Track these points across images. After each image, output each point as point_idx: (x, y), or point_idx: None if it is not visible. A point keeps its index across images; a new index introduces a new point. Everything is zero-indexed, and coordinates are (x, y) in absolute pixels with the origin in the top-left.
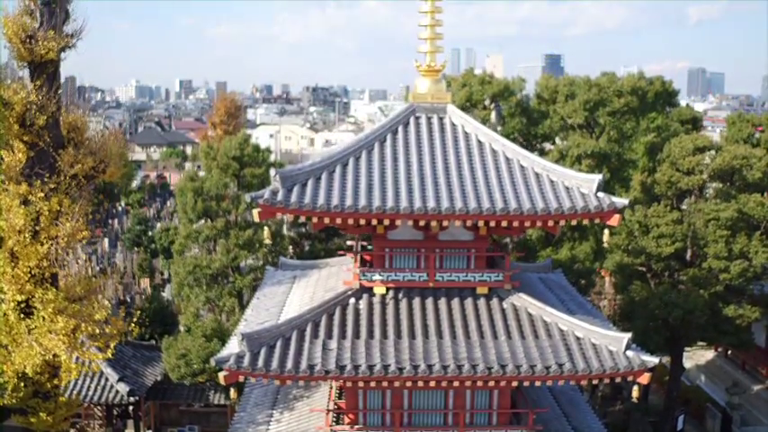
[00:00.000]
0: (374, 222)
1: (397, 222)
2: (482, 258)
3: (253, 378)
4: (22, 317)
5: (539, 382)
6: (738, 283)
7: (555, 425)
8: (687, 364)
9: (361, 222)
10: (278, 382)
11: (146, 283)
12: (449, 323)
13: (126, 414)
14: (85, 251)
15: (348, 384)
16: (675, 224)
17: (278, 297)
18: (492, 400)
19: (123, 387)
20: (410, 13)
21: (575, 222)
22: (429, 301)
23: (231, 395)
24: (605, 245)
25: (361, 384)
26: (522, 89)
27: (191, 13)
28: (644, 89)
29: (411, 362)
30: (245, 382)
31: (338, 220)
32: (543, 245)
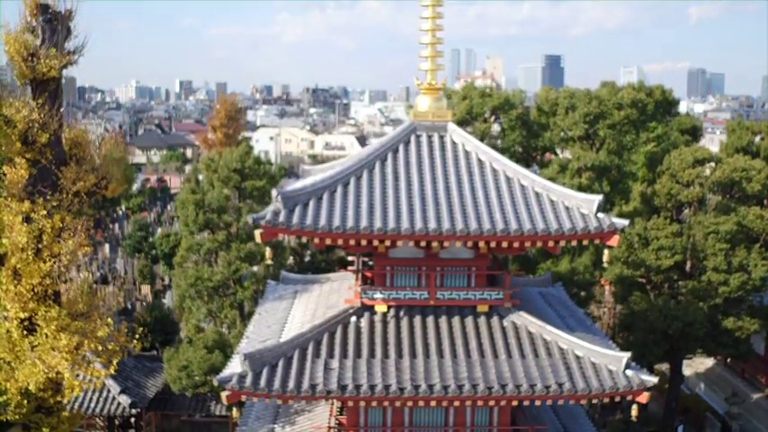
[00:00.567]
0: (375, 243)
1: (399, 243)
2: (483, 276)
3: (255, 398)
4: (26, 333)
5: (539, 402)
6: (738, 296)
7: None
8: (686, 371)
9: (363, 243)
10: (280, 401)
11: (147, 289)
12: (449, 342)
13: (127, 425)
14: (86, 257)
15: (350, 403)
16: (675, 237)
17: (279, 313)
18: (492, 416)
19: (125, 399)
20: (410, 13)
21: (575, 243)
22: (430, 320)
23: (233, 414)
24: (605, 264)
25: (362, 403)
26: (523, 101)
27: (191, 13)
28: (644, 102)
29: (412, 382)
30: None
31: (340, 241)
32: (543, 257)
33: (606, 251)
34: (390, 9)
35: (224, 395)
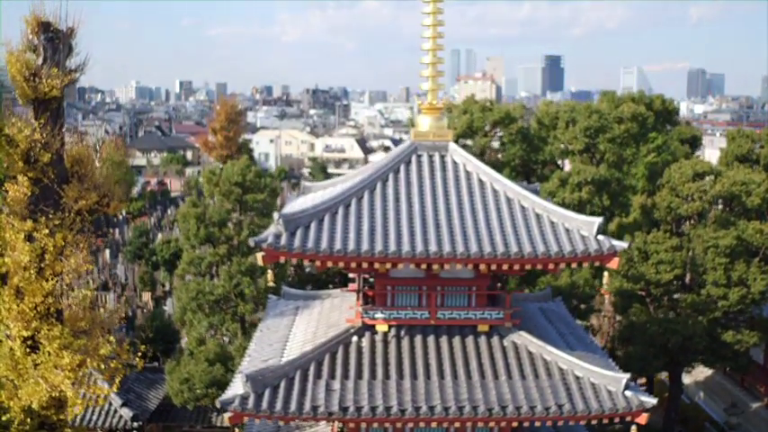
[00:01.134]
0: (376, 265)
1: (400, 265)
2: (483, 296)
3: (257, 419)
4: (29, 352)
5: (538, 423)
6: (737, 310)
7: None
8: (686, 380)
9: (364, 265)
10: (282, 422)
11: (147, 296)
12: (450, 362)
13: None
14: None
15: (351, 423)
16: (675, 251)
17: (281, 331)
18: None
19: (127, 412)
20: (410, 13)
21: (575, 265)
22: (430, 339)
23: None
24: (605, 285)
25: (363, 424)
26: (523, 115)
27: (191, 13)
28: (644, 115)
29: (413, 403)
30: None
31: (341, 263)
32: (543, 272)
33: (606, 274)
34: (391, 9)
35: (227, 416)
